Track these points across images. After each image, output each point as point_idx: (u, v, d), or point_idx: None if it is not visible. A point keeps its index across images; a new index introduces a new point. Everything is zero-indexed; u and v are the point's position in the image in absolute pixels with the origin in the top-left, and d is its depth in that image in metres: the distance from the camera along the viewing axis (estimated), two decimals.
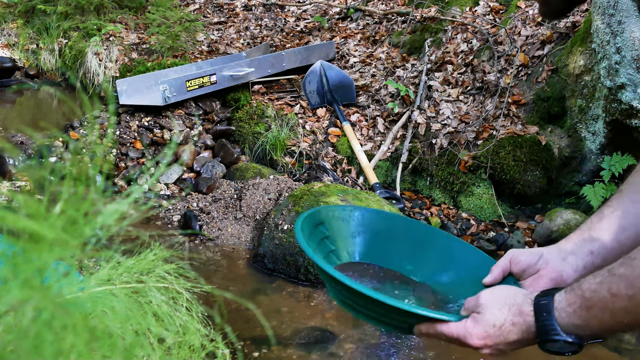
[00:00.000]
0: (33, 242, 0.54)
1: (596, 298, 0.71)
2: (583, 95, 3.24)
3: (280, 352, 2.04)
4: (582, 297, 0.72)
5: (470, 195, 3.38)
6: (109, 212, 0.59)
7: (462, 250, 1.04)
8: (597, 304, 0.71)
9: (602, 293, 0.71)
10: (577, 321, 0.73)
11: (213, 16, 5.86)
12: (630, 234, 0.85)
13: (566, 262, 0.87)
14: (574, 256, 0.87)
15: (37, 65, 5.34)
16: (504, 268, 0.91)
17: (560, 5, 0.86)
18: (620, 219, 0.86)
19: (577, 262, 0.87)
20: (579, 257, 0.87)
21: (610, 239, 0.85)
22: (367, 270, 1.07)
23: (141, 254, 1.00)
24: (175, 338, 0.99)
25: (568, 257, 0.87)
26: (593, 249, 0.86)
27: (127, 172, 3.44)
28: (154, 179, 2.35)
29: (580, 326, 0.73)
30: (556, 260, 0.87)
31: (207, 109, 4.12)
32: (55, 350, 0.54)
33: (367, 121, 3.99)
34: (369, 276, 1.05)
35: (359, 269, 1.07)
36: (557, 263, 0.87)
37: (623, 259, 0.71)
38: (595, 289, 0.71)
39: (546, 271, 0.87)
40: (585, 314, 0.72)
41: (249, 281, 2.57)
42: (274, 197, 3.07)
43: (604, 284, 0.71)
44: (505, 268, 0.91)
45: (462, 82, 3.86)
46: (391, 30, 4.88)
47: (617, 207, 0.87)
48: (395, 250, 1.08)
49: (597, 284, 0.72)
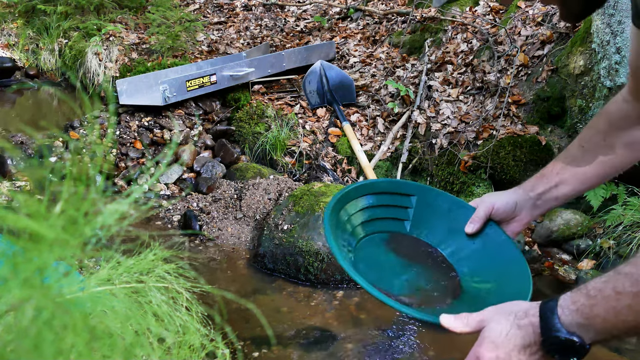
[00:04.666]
0: (33, 241, 0.54)
1: (600, 296, 0.71)
2: (583, 95, 3.24)
3: (280, 352, 2.04)
4: (587, 296, 0.72)
5: (471, 195, 3.38)
6: (109, 212, 0.59)
7: (441, 201, 1.13)
8: (601, 302, 0.71)
9: (606, 291, 0.71)
10: (580, 319, 0.73)
11: (213, 16, 5.86)
12: (590, 183, 1.04)
13: (536, 208, 1.06)
14: (543, 202, 1.06)
15: (37, 65, 5.34)
16: (485, 217, 1.05)
17: (579, 7, 0.88)
18: (578, 170, 1.04)
19: (545, 207, 1.06)
20: (547, 203, 1.06)
21: (570, 189, 1.05)
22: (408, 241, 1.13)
23: (141, 254, 1.00)
24: (175, 338, 0.99)
25: (537, 203, 1.06)
26: (558, 195, 1.05)
27: (127, 172, 3.44)
28: (154, 179, 2.35)
29: (583, 325, 0.73)
30: (529, 208, 1.06)
31: (207, 109, 4.12)
32: (56, 350, 0.54)
33: (367, 121, 3.99)
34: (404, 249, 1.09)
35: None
36: (530, 210, 1.06)
37: (631, 259, 0.72)
38: (600, 288, 0.71)
39: (521, 217, 1.06)
40: (588, 311, 0.72)
41: (249, 281, 2.57)
42: (274, 197, 3.07)
43: (609, 282, 0.71)
44: (486, 217, 1.05)
45: (462, 82, 3.86)
46: (391, 30, 4.88)
47: (574, 158, 1.05)
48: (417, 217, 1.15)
49: (603, 283, 0.72)
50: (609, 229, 2.81)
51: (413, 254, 1.07)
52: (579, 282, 2.56)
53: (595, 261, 2.72)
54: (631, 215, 2.71)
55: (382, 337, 2.18)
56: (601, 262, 2.68)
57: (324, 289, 2.50)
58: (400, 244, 1.08)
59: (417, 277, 1.01)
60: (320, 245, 2.51)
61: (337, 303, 2.41)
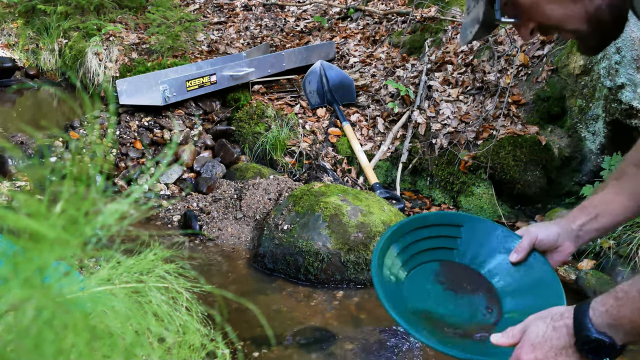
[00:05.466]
0: (34, 241, 0.54)
1: (626, 298, 0.76)
2: (583, 95, 3.24)
3: (280, 352, 2.04)
4: (615, 297, 0.78)
5: (470, 195, 3.38)
6: (109, 211, 0.59)
7: (489, 230, 1.19)
8: (627, 304, 0.76)
9: (632, 293, 0.76)
10: (609, 320, 0.78)
11: (213, 16, 5.86)
12: (627, 214, 1.07)
13: (578, 239, 1.09)
14: (584, 233, 1.09)
15: (37, 65, 5.34)
16: (528, 247, 1.11)
17: (596, 42, 0.93)
18: (618, 199, 1.07)
19: (586, 237, 1.10)
20: (588, 234, 1.09)
21: (610, 221, 1.08)
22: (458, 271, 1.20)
23: (141, 253, 1.00)
24: (175, 338, 0.99)
25: (579, 234, 1.09)
26: (598, 227, 1.08)
27: (127, 172, 3.44)
28: (154, 179, 2.35)
29: (612, 326, 0.78)
30: (571, 239, 1.10)
31: (207, 109, 4.12)
32: (56, 350, 0.54)
33: (367, 121, 3.99)
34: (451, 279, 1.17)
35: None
36: (572, 241, 1.10)
37: None
38: (627, 290, 0.77)
39: (564, 247, 1.10)
40: (616, 312, 0.77)
41: (249, 281, 2.57)
42: (274, 197, 3.07)
43: (635, 285, 0.76)
44: (530, 247, 1.11)
45: (462, 82, 3.86)
46: (391, 30, 4.88)
47: (613, 188, 1.08)
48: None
49: (629, 285, 0.77)
50: None
51: (461, 282, 1.14)
52: (578, 282, 2.56)
53: (595, 261, 2.72)
54: None
55: (382, 337, 2.18)
56: (601, 262, 2.68)
57: (324, 289, 2.50)
58: (449, 273, 1.16)
59: (463, 306, 1.09)
60: (320, 245, 2.51)
61: (337, 303, 2.41)
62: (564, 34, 0.93)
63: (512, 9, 0.92)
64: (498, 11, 0.92)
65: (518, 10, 0.92)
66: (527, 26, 0.93)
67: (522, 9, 0.91)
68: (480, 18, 0.94)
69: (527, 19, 0.92)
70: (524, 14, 0.92)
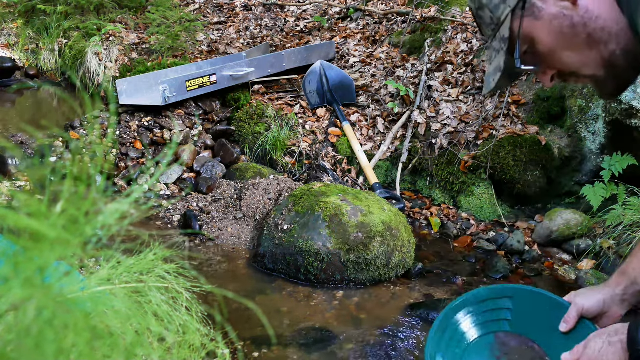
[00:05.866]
0: (34, 241, 0.54)
1: None
2: (583, 95, 3.24)
3: (280, 352, 2.04)
4: None
5: (470, 195, 3.38)
6: (109, 211, 0.59)
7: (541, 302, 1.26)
8: None
9: None
10: None
11: (213, 16, 5.86)
12: None
13: (624, 302, 1.16)
14: (630, 297, 1.16)
15: (37, 65, 5.34)
16: (576, 317, 1.16)
17: (612, 87, 0.97)
18: None
19: (632, 300, 1.16)
20: (633, 297, 1.16)
21: None
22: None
23: (141, 253, 1.00)
24: (176, 337, 0.99)
25: (624, 297, 1.16)
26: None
27: (127, 172, 3.44)
28: (154, 179, 2.35)
29: None
30: (617, 304, 1.16)
31: (207, 109, 4.12)
32: (57, 349, 0.55)
33: (367, 121, 3.99)
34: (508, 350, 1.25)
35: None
36: (618, 305, 1.16)
37: None
38: None
39: (610, 313, 1.16)
40: None
41: (249, 281, 2.57)
42: (274, 197, 3.07)
43: None
44: (578, 316, 1.16)
45: (462, 82, 3.86)
46: (391, 30, 4.88)
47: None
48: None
49: None
50: (609, 229, 2.81)
51: (515, 353, 1.21)
52: (578, 282, 2.56)
53: (595, 261, 2.72)
54: (631, 215, 2.72)
55: (382, 337, 2.18)
56: (601, 262, 2.68)
57: (324, 289, 2.50)
58: (503, 344, 1.23)
59: None
60: (320, 245, 2.52)
61: (337, 303, 2.41)
62: (583, 80, 0.96)
63: (532, 58, 0.95)
64: (518, 59, 0.95)
65: (537, 58, 0.95)
66: (547, 73, 0.97)
67: (541, 57, 0.94)
68: (502, 67, 0.98)
69: (546, 66, 0.95)
70: (543, 62, 0.95)
